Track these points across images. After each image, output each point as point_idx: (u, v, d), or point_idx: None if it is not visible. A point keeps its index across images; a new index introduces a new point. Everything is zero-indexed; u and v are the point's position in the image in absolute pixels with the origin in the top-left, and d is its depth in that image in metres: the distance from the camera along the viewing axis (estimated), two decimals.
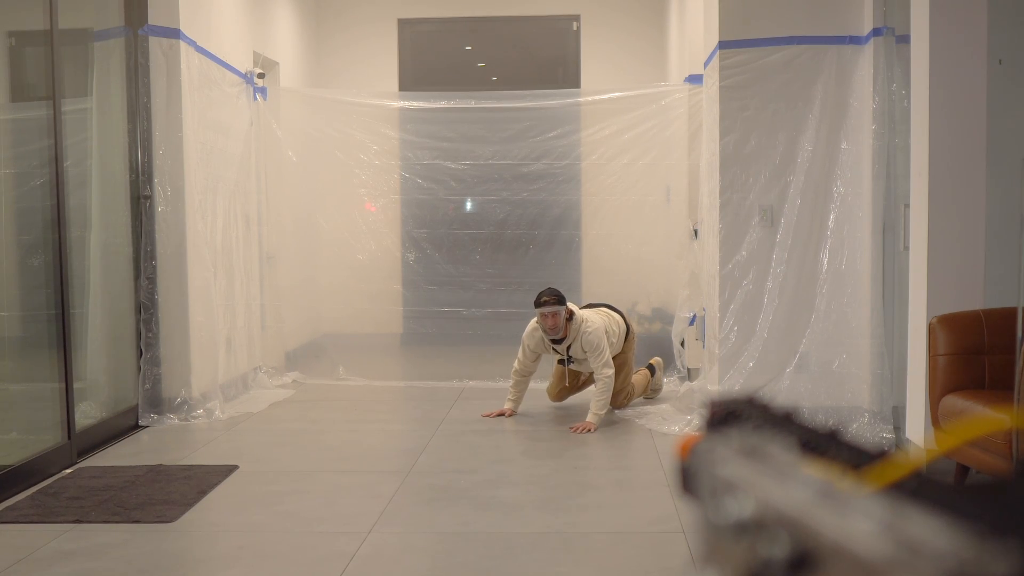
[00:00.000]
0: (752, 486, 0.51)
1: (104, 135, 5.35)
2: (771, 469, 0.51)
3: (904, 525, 0.43)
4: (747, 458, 0.53)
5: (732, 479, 0.52)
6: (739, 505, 0.51)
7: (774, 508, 0.49)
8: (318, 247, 7.29)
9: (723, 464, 0.54)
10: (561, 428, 5.23)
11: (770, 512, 0.49)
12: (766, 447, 0.54)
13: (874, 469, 0.51)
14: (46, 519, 3.72)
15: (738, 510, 0.51)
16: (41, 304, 4.81)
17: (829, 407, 5.08)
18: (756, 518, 0.50)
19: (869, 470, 0.51)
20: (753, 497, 0.51)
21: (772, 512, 0.49)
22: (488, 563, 3.27)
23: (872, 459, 0.53)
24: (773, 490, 0.49)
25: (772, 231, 5.19)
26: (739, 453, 0.54)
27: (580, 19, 8.67)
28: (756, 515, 0.50)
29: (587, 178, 7.17)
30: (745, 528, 0.51)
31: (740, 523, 0.51)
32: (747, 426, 0.59)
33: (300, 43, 8.16)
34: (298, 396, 6.43)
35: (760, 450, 0.54)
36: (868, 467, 0.52)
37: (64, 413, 4.64)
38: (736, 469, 0.53)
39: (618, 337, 5.50)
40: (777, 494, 0.49)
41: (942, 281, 4.09)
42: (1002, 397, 3.59)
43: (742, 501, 0.51)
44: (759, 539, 0.49)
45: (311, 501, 3.99)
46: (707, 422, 0.61)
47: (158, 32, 5.44)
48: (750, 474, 0.52)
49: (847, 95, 5.06)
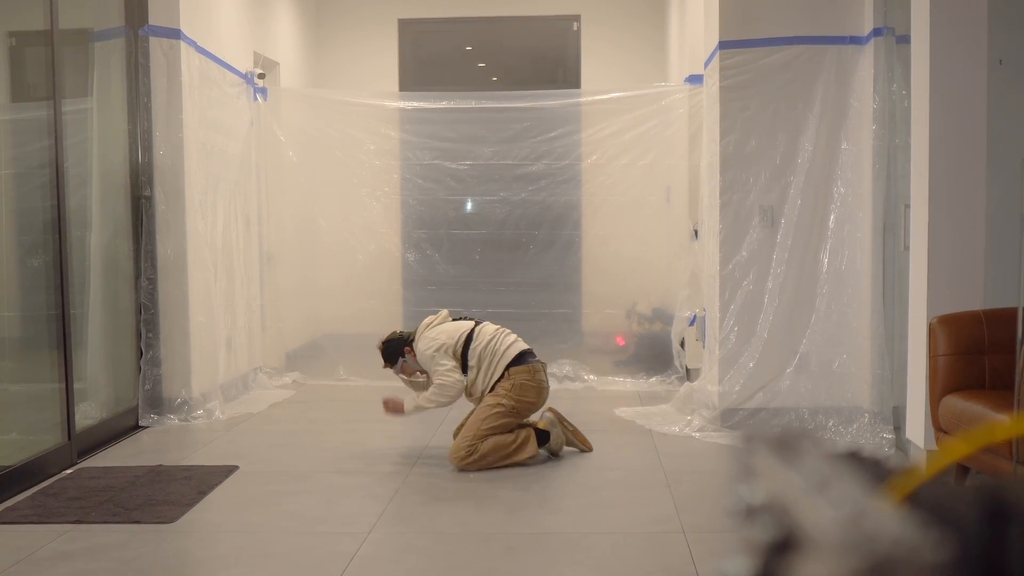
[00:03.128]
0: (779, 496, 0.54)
1: (104, 135, 5.35)
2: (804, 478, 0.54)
3: (869, 514, 0.45)
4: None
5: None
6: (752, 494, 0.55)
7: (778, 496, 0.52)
8: (318, 247, 7.29)
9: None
10: None
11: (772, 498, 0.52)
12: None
13: (891, 480, 0.53)
14: (46, 520, 3.72)
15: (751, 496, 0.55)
16: (41, 304, 4.81)
17: (829, 407, 5.08)
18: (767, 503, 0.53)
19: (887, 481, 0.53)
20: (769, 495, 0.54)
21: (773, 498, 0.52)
22: (488, 563, 3.27)
23: (888, 473, 0.55)
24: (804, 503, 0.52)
25: (772, 231, 5.18)
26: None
27: (580, 19, 8.66)
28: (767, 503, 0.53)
29: (587, 178, 7.16)
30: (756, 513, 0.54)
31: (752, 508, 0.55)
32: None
33: (300, 43, 8.16)
34: (298, 396, 6.43)
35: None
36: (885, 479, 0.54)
37: (64, 413, 4.64)
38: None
39: (487, 367, 4.55)
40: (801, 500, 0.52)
41: (942, 281, 4.09)
42: (1002, 397, 3.59)
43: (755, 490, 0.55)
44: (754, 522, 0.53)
45: (311, 501, 3.99)
46: None
47: (158, 32, 5.44)
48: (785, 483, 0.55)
49: (847, 95, 5.06)
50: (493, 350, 4.59)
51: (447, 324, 4.73)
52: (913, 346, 4.27)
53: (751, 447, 0.59)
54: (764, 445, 0.58)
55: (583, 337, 7.33)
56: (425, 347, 4.61)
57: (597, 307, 7.28)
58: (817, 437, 0.62)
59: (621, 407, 5.83)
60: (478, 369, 4.59)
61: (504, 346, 4.61)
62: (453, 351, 4.58)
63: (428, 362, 4.62)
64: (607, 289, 7.21)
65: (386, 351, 4.81)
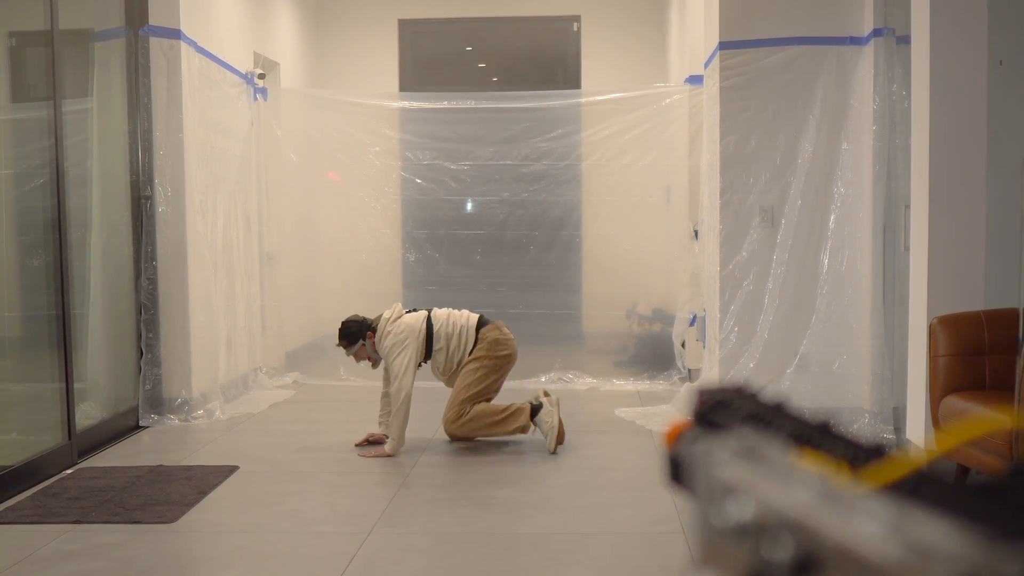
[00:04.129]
0: (752, 488, 0.50)
1: (104, 135, 5.35)
2: (770, 469, 0.51)
3: (911, 527, 0.43)
4: (745, 459, 0.52)
5: (731, 481, 0.52)
6: (740, 508, 0.50)
7: (776, 510, 0.48)
8: (318, 247, 7.29)
9: (721, 466, 0.53)
10: None
11: (772, 514, 0.48)
12: (763, 446, 0.53)
13: (872, 467, 0.51)
14: (46, 519, 3.72)
15: (739, 513, 0.50)
16: (41, 304, 4.81)
17: (830, 408, 5.08)
18: (758, 520, 0.49)
19: (867, 468, 0.51)
20: (754, 499, 0.50)
21: (774, 514, 0.48)
22: (488, 563, 3.27)
23: (868, 455, 0.52)
24: (774, 492, 0.49)
25: (772, 232, 5.19)
26: (736, 454, 0.53)
27: (580, 19, 8.66)
28: (758, 517, 0.49)
29: (587, 179, 7.16)
30: (746, 531, 0.50)
31: (741, 526, 0.50)
32: (736, 416, 0.59)
33: (300, 43, 8.16)
34: (298, 397, 6.43)
35: (758, 450, 0.53)
36: (865, 464, 0.51)
37: (64, 413, 4.64)
38: (734, 471, 0.52)
39: (458, 340, 4.82)
40: (778, 496, 0.48)
41: (942, 281, 4.09)
42: (1002, 398, 3.59)
43: (743, 504, 0.50)
44: (761, 541, 0.49)
45: (311, 501, 4.00)
46: (695, 411, 0.61)
47: (158, 32, 5.44)
48: (749, 475, 0.51)
49: (847, 96, 5.06)
50: (455, 324, 4.84)
51: (405, 316, 4.87)
52: (913, 346, 4.27)
53: (712, 457, 0.53)
54: (726, 453, 0.53)
55: (583, 337, 7.34)
56: (391, 342, 4.73)
57: (597, 307, 7.28)
58: (748, 390, 0.59)
59: (621, 407, 5.83)
60: (447, 347, 4.82)
61: (463, 318, 4.89)
62: (418, 337, 4.76)
63: (387, 353, 4.76)
64: (607, 289, 7.20)
65: (347, 332, 4.87)
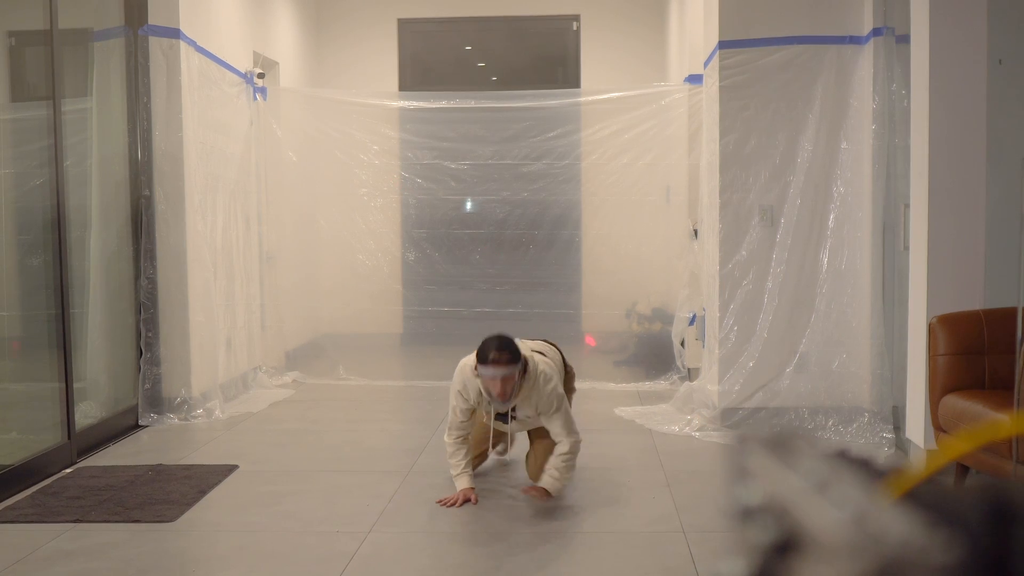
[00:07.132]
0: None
1: (104, 135, 5.35)
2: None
3: (874, 515, 0.45)
4: None
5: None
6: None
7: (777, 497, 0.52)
8: (318, 247, 7.29)
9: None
10: None
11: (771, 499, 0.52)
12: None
13: (889, 480, 0.52)
14: (46, 519, 3.72)
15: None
16: (41, 304, 4.81)
17: (829, 407, 5.08)
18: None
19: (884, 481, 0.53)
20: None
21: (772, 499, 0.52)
22: (488, 563, 3.27)
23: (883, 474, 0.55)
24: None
25: (772, 231, 5.19)
26: None
27: (580, 19, 8.67)
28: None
29: (587, 178, 7.17)
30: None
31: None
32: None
33: (300, 43, 8.16)
34: (298, 396, 6.43)
35: None
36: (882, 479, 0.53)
37: (64, 413, 4.64)
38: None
39: (559, 379, 3.97)
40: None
41: (942, 281, 4.09)
42: (1002, 397, 3.59)
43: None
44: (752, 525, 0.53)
45: (311, 501, 3.99)
46: None
47: (158, 32, 5.44)
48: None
49: (847, 95, 5.06)
50: (550, 360, 4.02)
51: (536, 344, 4.12)
52: (913, 346, 4.27)
53: (746, 448, 0.58)
54: (759, 446, 0.58)
55: (583, 337, 7.34)
56: (546, 381, 3.76)
57: (597, 307, 7.28)
58: (811, 436, 0.62)
59: (621, 407, 5.83)
60: None
61: (548, 350, 4.16)
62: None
63: (543, 400, 3.77)
64: (607, 289, 7.21)
65: (513, 347, 3.72)
